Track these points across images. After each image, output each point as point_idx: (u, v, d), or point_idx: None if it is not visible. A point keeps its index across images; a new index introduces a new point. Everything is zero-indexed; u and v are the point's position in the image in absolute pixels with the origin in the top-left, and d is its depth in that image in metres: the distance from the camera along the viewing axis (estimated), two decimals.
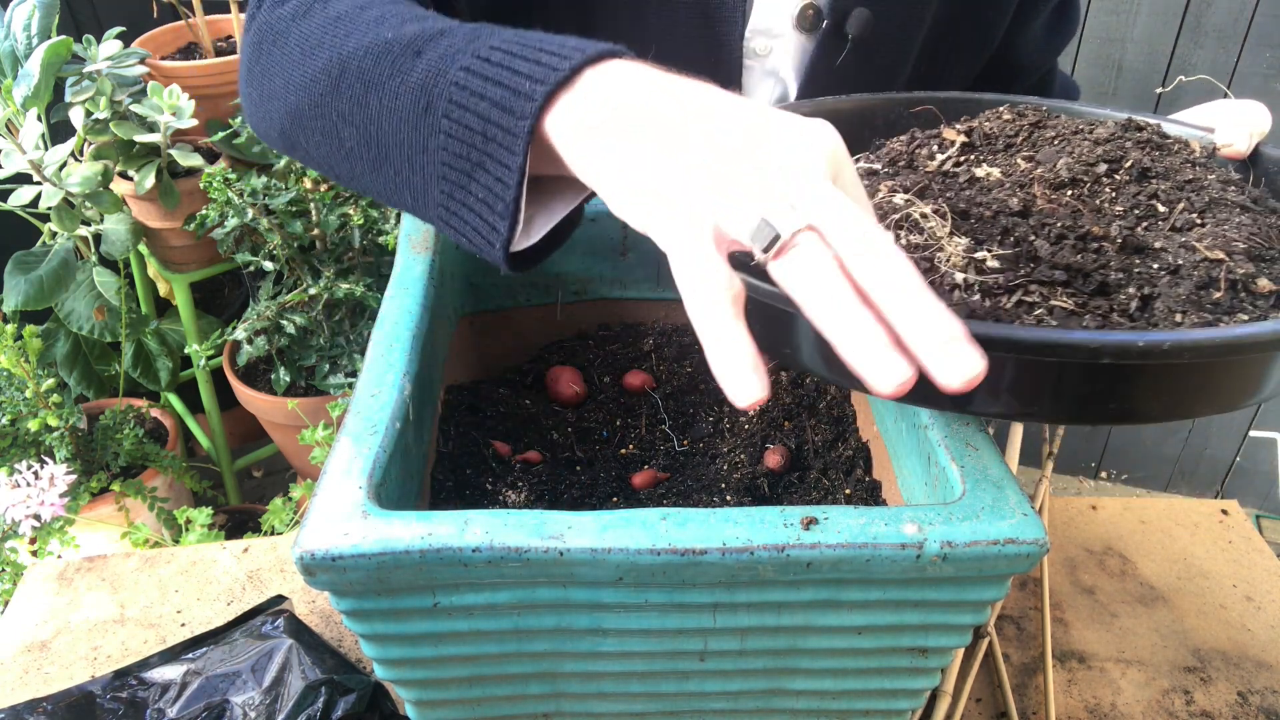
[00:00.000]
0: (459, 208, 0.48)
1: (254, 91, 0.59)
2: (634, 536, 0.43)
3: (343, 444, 0.49)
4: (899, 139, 0.58)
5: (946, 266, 0.44)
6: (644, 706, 0.54)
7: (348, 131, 0.52)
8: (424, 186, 0.49)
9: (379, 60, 0.50)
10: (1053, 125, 0.57)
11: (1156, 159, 0.53)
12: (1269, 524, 2.03)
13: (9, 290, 1.48)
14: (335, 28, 0.54)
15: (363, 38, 0.52)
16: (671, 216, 0.40)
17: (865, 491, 0.62)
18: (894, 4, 0.75)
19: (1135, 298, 0.42)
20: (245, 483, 2.15)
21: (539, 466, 0.64)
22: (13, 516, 1.20)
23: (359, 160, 0.53)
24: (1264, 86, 1.70)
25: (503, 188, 0.46)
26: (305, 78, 0.54)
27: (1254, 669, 0.75)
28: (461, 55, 0.47)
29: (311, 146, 0.56)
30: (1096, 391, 0.40)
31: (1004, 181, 0.51)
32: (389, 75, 0.49)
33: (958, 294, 0.43)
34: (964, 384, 0.35)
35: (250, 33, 0.61)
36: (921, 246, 0.46)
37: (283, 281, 1.65)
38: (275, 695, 0.65)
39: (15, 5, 1.49)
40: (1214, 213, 0.49)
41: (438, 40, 0.49)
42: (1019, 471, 1.04)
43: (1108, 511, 0.90)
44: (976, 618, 0.48)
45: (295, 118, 0.56)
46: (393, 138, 0.50)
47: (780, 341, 0.46)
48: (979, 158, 0.55)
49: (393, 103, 0.49)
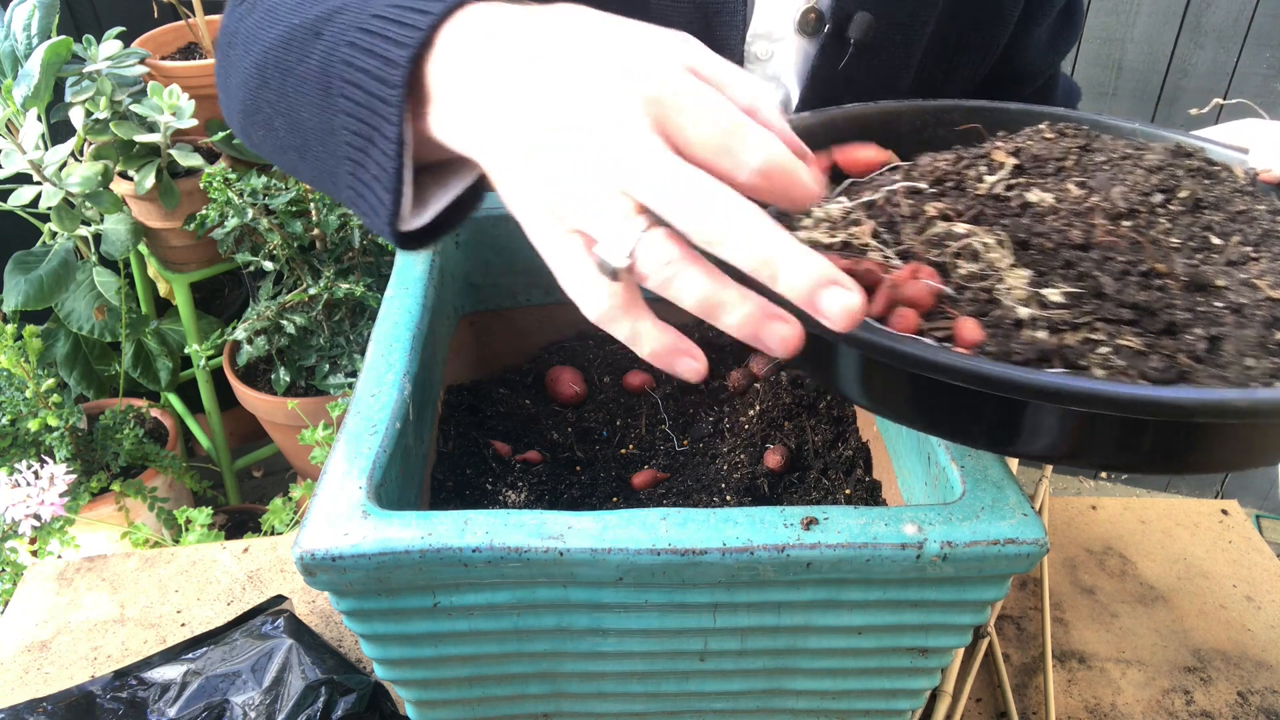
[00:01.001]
0: (363, 188, 0.47)
1: (221, 93, 0.60)
2: (634, 536, 0.43)
3: (343, 444, 0.49)
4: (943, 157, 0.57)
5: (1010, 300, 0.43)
6: (644, 706, 0.54)
7: (278, 122, 0.52)
8: (336, 168, 0.48)
9: (288, 48, 0.50)
10: (1100, 148, 0.56)
11: (1208, 188, 0.52)
12: (1269, 524, 2.03)
13: (9, 290, 1.48)
14: (266, 20, 0.54)
15: (278, 27, 0.52)
16: (536, 225, 0.39)
17: (865, 491, 0.62)
18: (897, 8, 0.75)
19: (1203, 339, 0.41)
20: (245, 483, 2.15)
21: (539, 466, 0.64)
22: (13, 516, 1.20)
23: (291, 150, 0.52)
24: (1264, 86, 1.70)
25: (387, 160, 0.44)
26: (245, 73, 0.54)
27: (1254, 669, 0.75)
28: (349, 30, 0.46)
29: (260, 141, 0.56)
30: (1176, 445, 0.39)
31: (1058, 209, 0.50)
32: (297, 61, 0.49)
33: (1026, 332, 0.41)
34: (846, 317, 0.35)
35: (221, 33, 0.62)
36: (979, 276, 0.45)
37: (283, 281, 1.65)
38: (275, 695, 0.65)
39: (15, 5, 1.49)
40: (1268, 246, 0.48)
41: (334, 18, 0.48)
42: (1019, 471, 1.05)
43: (1108, 511, 0.90)
44: (976, 618, 0.48)
45: (244, 114, 0.56)
46: (309, 124, 0.49)
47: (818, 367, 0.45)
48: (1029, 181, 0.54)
49: (301, 88, 0.49)
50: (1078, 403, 0.35)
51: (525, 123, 0.39)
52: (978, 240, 0.46)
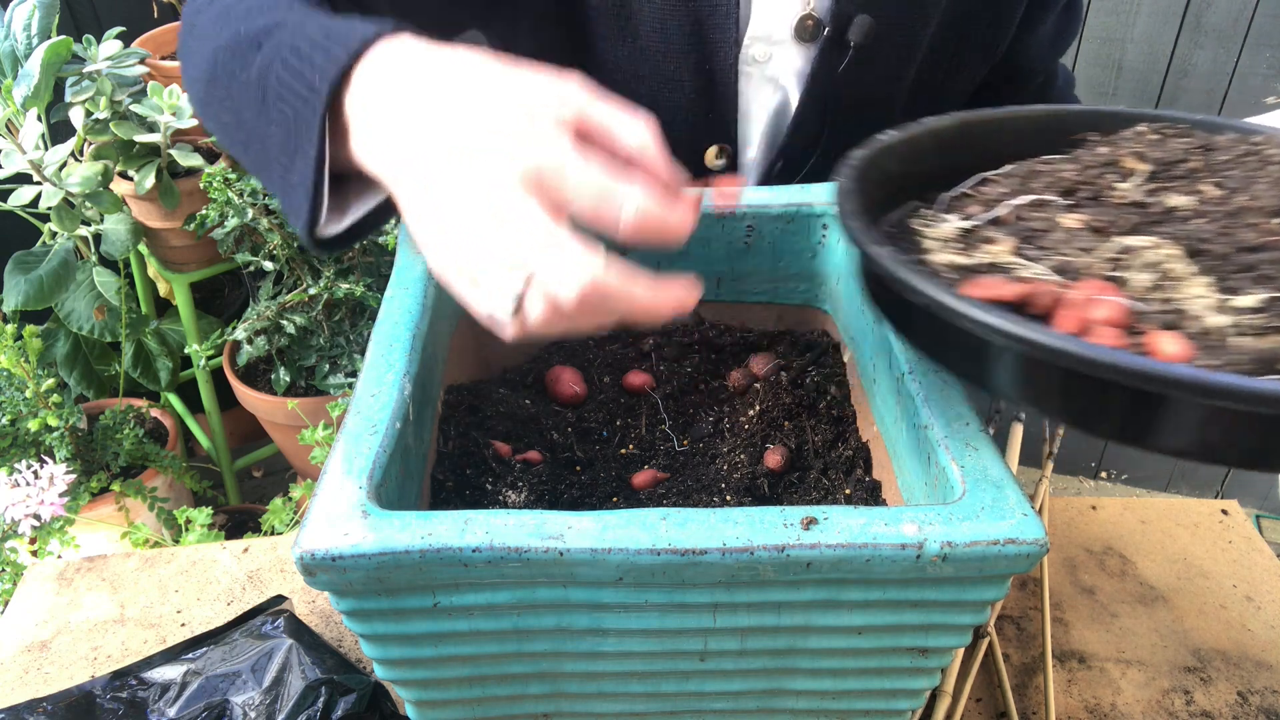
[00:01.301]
0: (289, 189, 0.51)
1: (184, 77, 0.64)
2: (634, 536, 0.43)
3: (343, 444, 0.49)
4: (1064, 167, 0.55)
5: (1199, 310, 0.42)
6: (644, 706, 0.54)
7: (226, 117, 0.56)
8: (269, 167, 0.52)
9: (233, 54, 0.54)
10: (1217, 146, 0.55)
11: None
12: (1269, 524, 2.03)
13: (9, 290, 1.48)
14: (219, 21, 0.58)
15: (228, 30, 0.56)
16: (436, 263, 0.44)
17: (865, 491, 0.62)
18: (897, 10, 0.75)
19: None
20: (245, 483, 2.15)
21: (539, 466, 0.64)
22: (12, 516, 1.20)
23: (236, 143, 0.57)
24: (1264, 86, 1.70)
25: (307, 171, 0.49)
26: (199, 67, 0.58)
27: (1254, 669, 0.75)
28: (283, 48, 0.51)
29: (213, 126, 0.60)
30: None
31: (1204, 211, 0.49)
32: (240, 68, 0.53)
33: (1234, 340, 0.41)
34: (637, 216, 0.41)
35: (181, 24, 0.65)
36: (1155, 287, 0.44)
37: (283, 281, 1.65)
38: (275, 695, 0.65)
39: (15, 5, 1.49)
40: None
41: (275, 32, 0.52)
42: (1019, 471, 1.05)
43: (1108, 511, 0.90)
44: (976, 618, 0.48)
45: (200, 103, 0.60)
46: (250, 124, 0.53)
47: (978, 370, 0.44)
48: (1162, 186, 0.53)
49: (243, 93, 0.53)
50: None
51: (422, 166, 0.43)
52: (1156, 251, 0.46)
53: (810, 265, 0.72)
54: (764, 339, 0.75)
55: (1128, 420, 0.41)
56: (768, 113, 0.80)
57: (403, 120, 0.44)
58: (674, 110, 0.78)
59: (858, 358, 0.67)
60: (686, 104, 0.77)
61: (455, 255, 0.43)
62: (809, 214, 0.69)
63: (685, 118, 0.78)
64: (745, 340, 0.75)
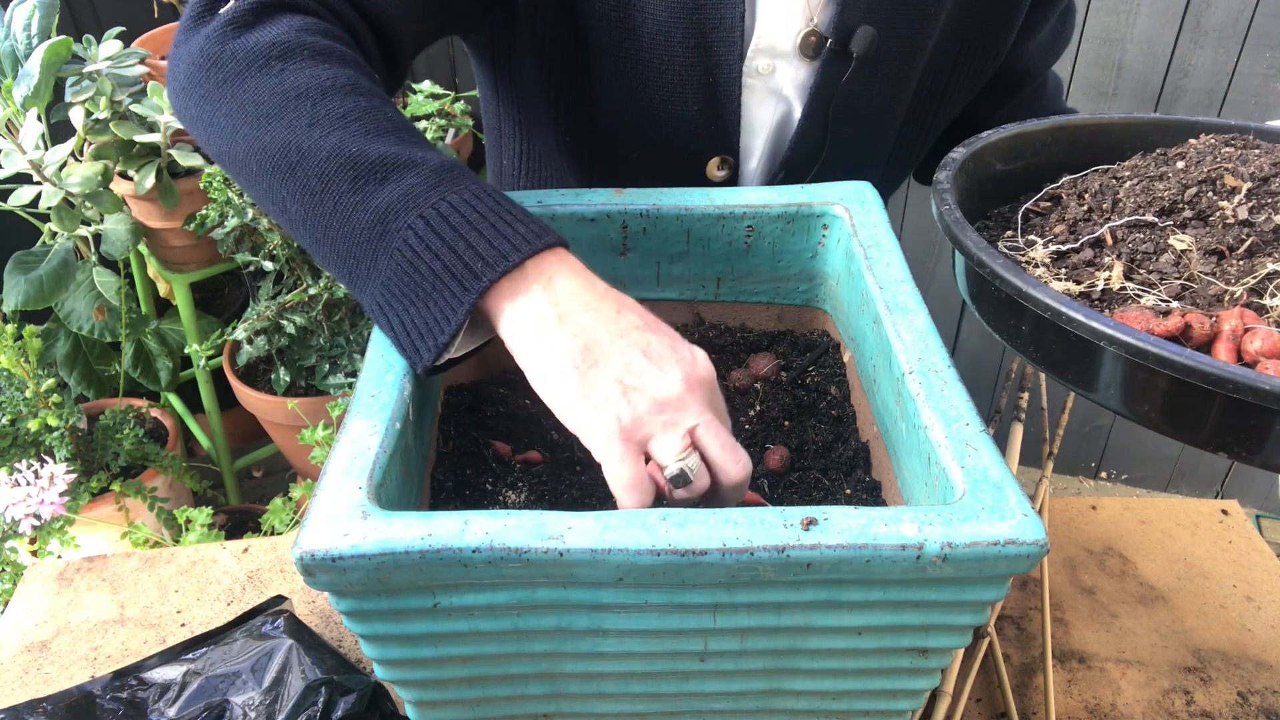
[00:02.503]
0: (393, 317, 0.53)
1: (192, 107, 0.61)
2: (634, 537, 0.43)
3: (343, 444, 0.49)
4: (1164, 181, 0.56)
5: None
6: (644, 707, 0.54)
7: (294, 207, 0.55)
8: (363, 282, 0.54)
9: (341, 170, 0.54)
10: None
11: None
12: (1269, 524, 2.03)
13: (9, 290, 1.48)
14: (296, 107, 0.56)
15: (326, 136, 0.55)
16: (606, 437, 0.50)
17: (865, 492, 0.62)
18: (899, 21, 0.74)
19: None
20: (245, 483, 2.15)
21: (539, 466, 0.64)
22: (13, 516, 1.20)
23: (298, 229, 0.56)
24: (1264, 86, 1.70)
25: (438, 330, 0.52)
26: (257, 144, 0.56)
27: (1254, 669, 0.75)
28: (422, 203, 0.52)
29: (247, 188, 0.59)
30: None
31: None
32: (349, 190, 0.53)
33: None
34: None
35: (193, 45, 0.61)
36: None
37: (283, 281, 1.65)
38: (275, 695, 0.65)
39: (15, 5, 1.49)
40: None
41: (404, 173, 0.53)
42: (1019, 471, 1.05)
43: (1108, 511, 0.90)
44: (976, 618, 0.48)
45: (236, 164, 0.58)
46: (339, 235, 0.54)
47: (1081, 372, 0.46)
48: (1262, 202, 0.53)
49: (349, 214, 0.53)
50: None
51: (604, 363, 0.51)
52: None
53: (810, 265, 0.72)
54: (764, 339, 0.75)
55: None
56: (770, 125, 0.80)
57: (583, 318, 0.51)
58: (676, 121, 0.78)
59: (858, 358, 0.67)
60: (689, 115, 0.77)
61: (634, 431, 0.50)
62: (809, 214, 0.69)
63: (688, 129, 0.78)
64: (745, 340, 0.75)
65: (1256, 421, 0.43)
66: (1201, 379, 0.42)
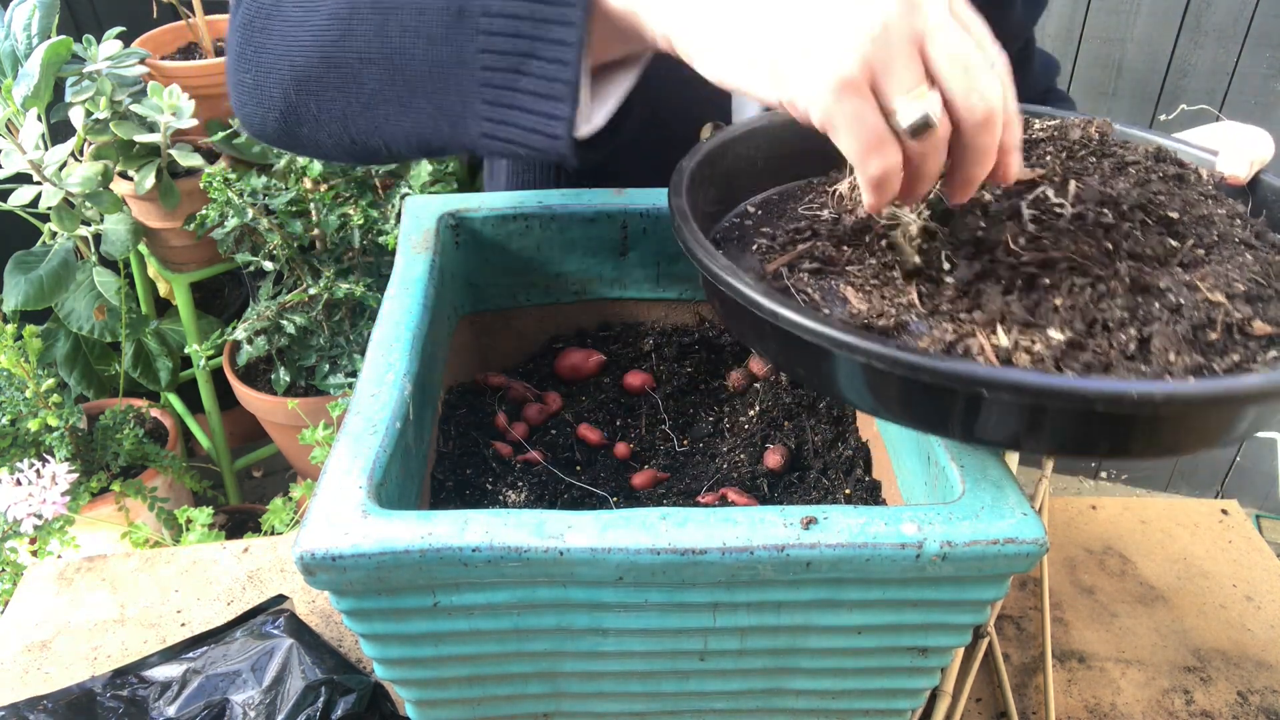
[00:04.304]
0: (508, 112, 0.47)
1: (246, 76, 0.57)
2: (634, 536, 0.43)
3: (343, 444, 0.49)
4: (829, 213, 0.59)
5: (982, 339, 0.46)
6: (644, 706, 0.54)
7: (368, 73, 0.50)
8: (463, 104, 0.48)
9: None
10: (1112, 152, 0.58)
11: (1176, 190, 0.54)
12: (1269, 524, 2.03)
13: (9, 290, 1.48)
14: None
15: None
16: (820, 89, 0.40)
17: (865, 491, 0.62)
18: None
19: (1134, 339, 0.44)
20: (245, 483, 2.15)
21: (539, 466, 0.64)
22: (15, 515, 1.20)
23: (384, 102, 0.51)
24: (1264, 86, 1.70)
25: (560, 67, 0.44)
26: (311, 33, 0.52)
27: (1254, 669, 0.75)
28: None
29: (322, 110, 0.54)
30: (1089, 432, 0.42)
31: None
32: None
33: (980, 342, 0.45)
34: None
35: (238, 16, 0.59)
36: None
37: (283, 281, 1.65)
38: (275, 695, 0.65)
39: (15, 5, 1.49)
40: (1220, 249, 0.51)
41: None
42: (1019, 471, 1.05)
43: (1108, 511, 0.90)
44: (976, 617, 0.48)
45: (302, 83, 0.54)
46: (421, 62, 0.48)
47: (814, 373, 0.47)
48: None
49: (416, 21, 0.48)
50: (999, 390, 0.40)
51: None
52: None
53: None
54: None
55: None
56: None
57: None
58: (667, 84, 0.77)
59: None
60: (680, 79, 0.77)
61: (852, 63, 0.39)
62: None
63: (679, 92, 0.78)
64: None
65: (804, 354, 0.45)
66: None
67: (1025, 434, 0.42)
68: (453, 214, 0.68)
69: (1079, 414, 0.41)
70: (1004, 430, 0.42)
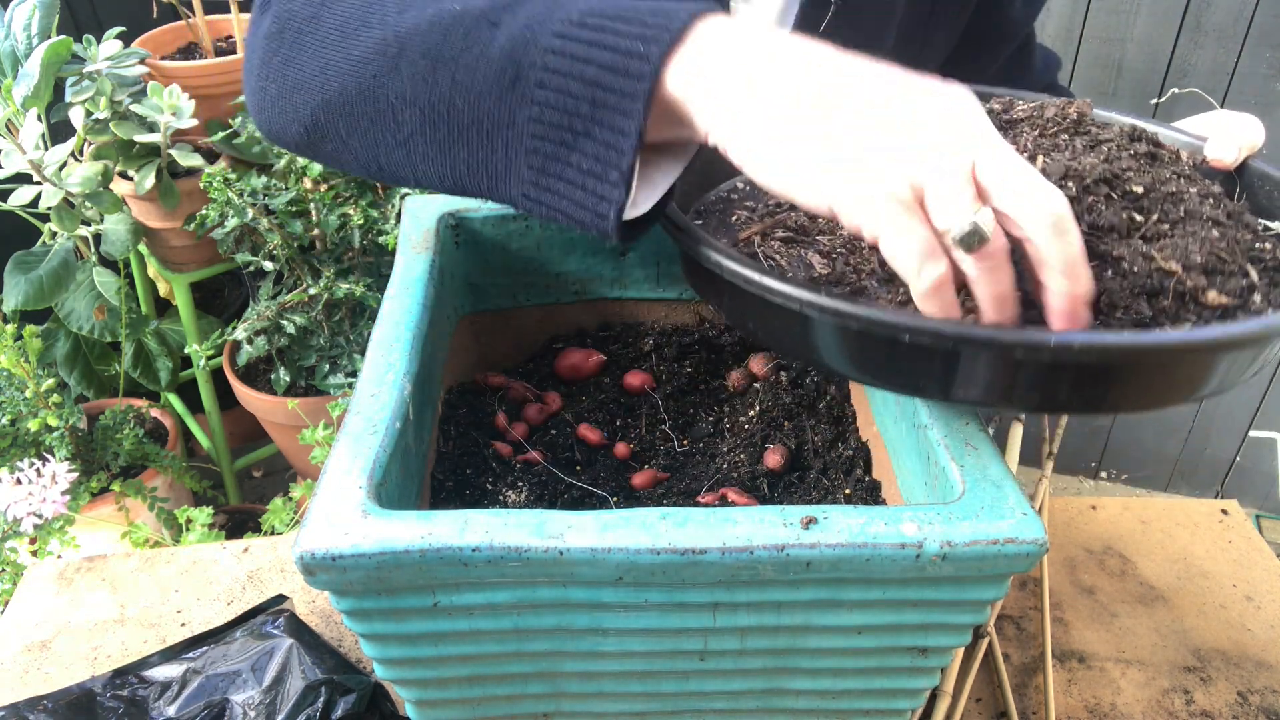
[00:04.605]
0: (554, 182, 0.46)
1: (271, 86, 0.56)
2: (634, 536, 0.43)
3: (343, 444, 0.49)
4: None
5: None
6: (644, 706, 0.54)
7: (408, 114, 0.49)
8: (507, 164, 0.47)
9: (448, 34, 0.48)
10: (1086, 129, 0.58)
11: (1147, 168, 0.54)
12: (1269, 524, 2.03)
13: (9, 290, 1.48)
14: (381, 4, 0.51)
15: (421, 12, 0.49)
16: (871, 202, 0.41)
17: (865, 491, 0.62)
18: None
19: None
20: (245, 483, 2.15)
21: (539, 466, 0.64)
22: (15, 514, 1.20)
23: (420, 144, 0.50)
24: (1264, 86, 1.70)
25: (616, 154, 0.44)
26: (351, 60, 0.51)
27: (1254, 669, 0.75)
28: (549, 23, 0.45)
29: (352, 136, 0.53)
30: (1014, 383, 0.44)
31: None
32: (462, 49, 0.47)
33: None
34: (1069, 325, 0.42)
35: (265, 23, 0.57)
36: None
37: (283, 281, 1.65)
38: (275, 694, 0.65)
39: (15, 5, 1.49)
40: (1185, 225, 0.51)
41: (514, 9, 0.47)
42: (1019, 471, 1.05)
43: (1108, 511, 0.90)
44: (976, 617, 0.48)
45: (334, 106, 0.53)
46: (468, 115, 0.47)
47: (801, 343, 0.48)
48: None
49: (469, 78, 0.47)
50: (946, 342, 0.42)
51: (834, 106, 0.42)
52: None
53: None
54: None
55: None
56: None
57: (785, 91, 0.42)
58: None
59: None
60: None
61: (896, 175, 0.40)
62: None
63: None
64: (745, 340, 0.75)
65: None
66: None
67: (948, 382, 0.44)
68: (453, 214, 0.68)
69: (1002, 363, 0.43)
70: (925, 377, 0.44)
